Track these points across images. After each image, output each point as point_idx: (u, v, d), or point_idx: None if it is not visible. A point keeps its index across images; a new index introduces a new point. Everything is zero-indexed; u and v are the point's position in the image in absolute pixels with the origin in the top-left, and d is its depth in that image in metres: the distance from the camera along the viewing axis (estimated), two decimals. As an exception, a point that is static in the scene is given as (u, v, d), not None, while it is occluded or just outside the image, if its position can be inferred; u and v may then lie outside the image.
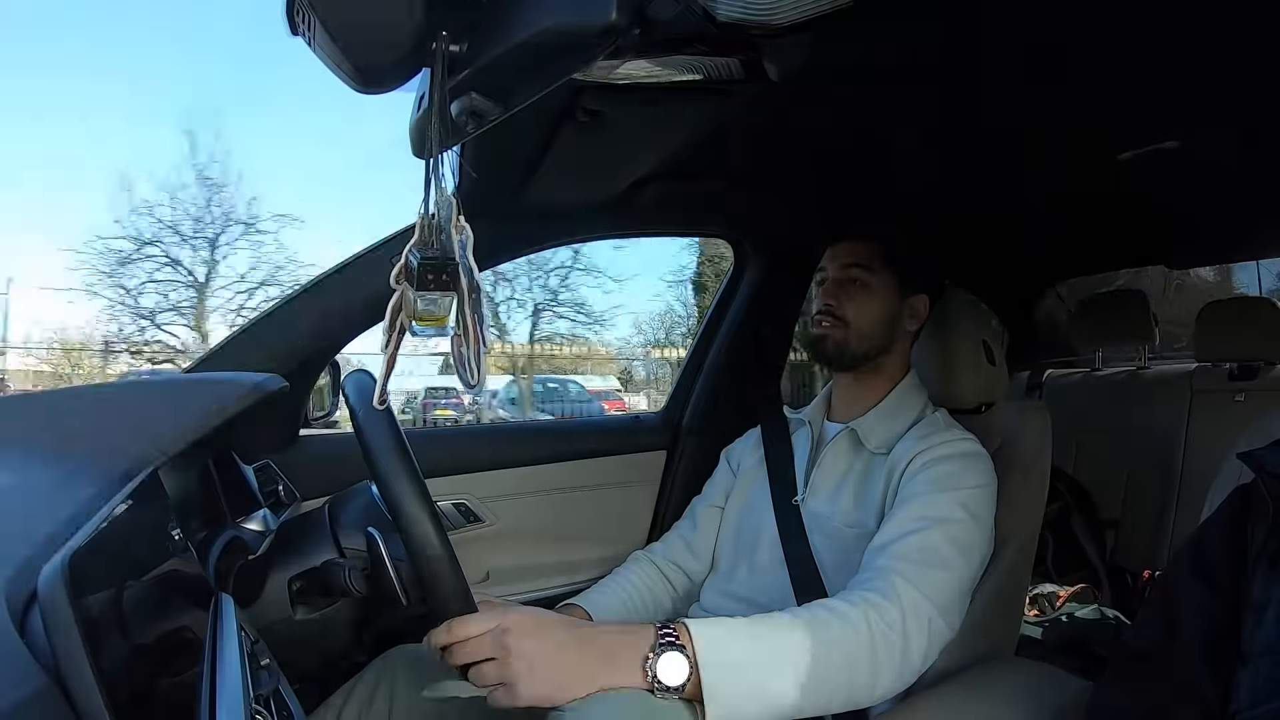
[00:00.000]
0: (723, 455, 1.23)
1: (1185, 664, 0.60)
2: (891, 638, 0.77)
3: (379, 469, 0.69)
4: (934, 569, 0.84)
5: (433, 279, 0.57)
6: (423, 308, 0.58)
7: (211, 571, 0.73)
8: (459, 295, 0.58)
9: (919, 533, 0.87)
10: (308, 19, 0.54)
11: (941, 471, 0.93)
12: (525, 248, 1.36)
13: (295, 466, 1.11)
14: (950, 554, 0.86)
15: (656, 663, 0.68)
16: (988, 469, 0.96)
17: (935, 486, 0.92)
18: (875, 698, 0.78)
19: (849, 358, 1.05)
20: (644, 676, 0.68)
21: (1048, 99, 0.96)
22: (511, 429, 2.39)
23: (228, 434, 0.82)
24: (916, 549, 0.86)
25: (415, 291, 0.57)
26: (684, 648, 0.69)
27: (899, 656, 0.78)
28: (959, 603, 0.87)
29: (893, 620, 0.78)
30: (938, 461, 0.94)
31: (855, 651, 0.75)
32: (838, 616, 0.77)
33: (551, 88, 0.63)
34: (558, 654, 0.68)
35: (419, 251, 0.57)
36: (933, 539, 0.86)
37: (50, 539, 0.46)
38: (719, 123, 0.95)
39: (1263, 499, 0.62)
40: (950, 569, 0.85)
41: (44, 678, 0.37)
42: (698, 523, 1.17)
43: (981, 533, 0.91)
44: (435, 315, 0.59)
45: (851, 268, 1.05)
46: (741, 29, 0.65)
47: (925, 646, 0.80)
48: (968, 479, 0.93)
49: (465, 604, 0.70)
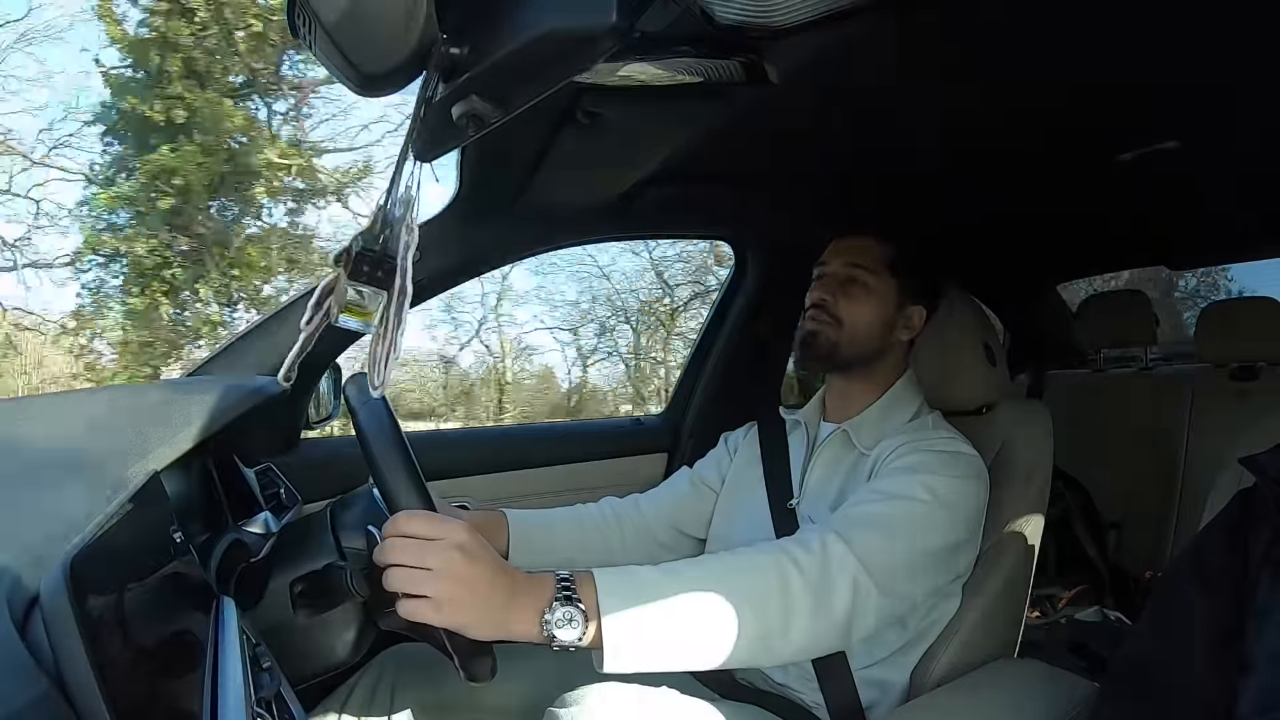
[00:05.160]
0: (721, 438, 1.21)
1: (1186, 672, 0.60)
2: (806, 585, 0.74)
3: (380, 470, 0.69)
4: (870, 531, 0.81)
5: (367, 271, 0.58)
6: (352, 298, 0.59)
7: (213, 574, 0.73)
8: (388, 295, 0.59)
9: (867, 503, 0.85)
10: (309, 22, 0.54)
11: (914, 460, 0.90)
12: (525, 250, 1.36)
13: (296, 469, 1.11)
14: (898, 526, 0.83)
15: (553, 618, 0.65)
16: (972, 467, 0.93)
17: (903, 470, 0.89)
18: (791, 649, 0.75)
19: (838, 359, 1.03)
20: (540, 632, 0.65)
21: (1048, 99, 0.96)
22: (513, 432, 2.38)
23: (229, 437, 0.82)
24: (860, 514, 0.83)
25: (348, 279, 0.58)
26: (580, 602, 0.66)
27: (813, 605, 0.74)
28: (899, 574, 0.81)
29: (808, 567, 0.75)
30: (915, 452, 0.92)
31: (765, 596, 0.72)
32: (751, 563, 0.75)
33: (552, 90, 0.64)
34: (478, 589, 0.64)
35: (363, 241, 0.58)
36: (880, 509, 0.84)
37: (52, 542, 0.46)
38: (719, 124, 0.95)
39: (1265, 504, 0.61)
40: (891, 538, 0.81)
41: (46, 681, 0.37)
42: (677, 486, 1.17)
43: (950, 521, 0.87)
44: (362, 310, 0.60)
45: (855, 267, 1.03)
46: (741, 31, 0.65)
47: (849, 601, 0.76)
48: (942, 469, 0.89)
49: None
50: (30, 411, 0.82)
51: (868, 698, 0.93)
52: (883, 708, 0.93)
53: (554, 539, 1.05)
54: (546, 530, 1.05)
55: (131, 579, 0.50)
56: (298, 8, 0.54)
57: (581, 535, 1.07)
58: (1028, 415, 1.09)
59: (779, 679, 0.96)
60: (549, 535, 1.04)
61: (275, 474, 1.06)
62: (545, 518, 1.07)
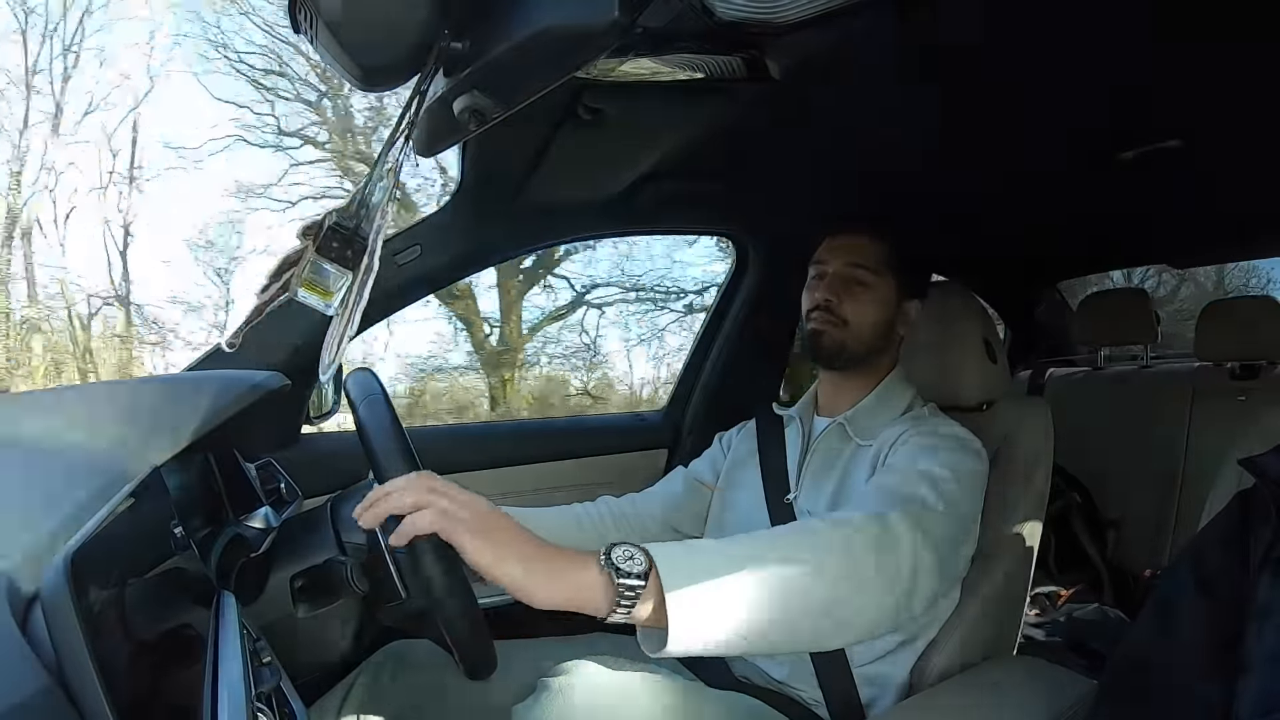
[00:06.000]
0: (716, 438, 1.22)
1: (1185, 672, 0.60)
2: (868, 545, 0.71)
3: (380, 466, 0.69)
4: (913, 497, 0.80)
5: (337, 248, 0.58)
6: (312, 274, 0.59)
7: (213, 569, 0.73)
8: (353, 274, 0.59)
9: (898, 473, 0.85)
10: (310, 16, 0.54)
11: (926, 444, 0.91)
12: (525, 245, 1.37)
13: (297, 464, 1.11)
14: (930, 498, 0.81)
15: (612, 553, 0.63)
16: (978, 456, 0.93)
17: (921, 450, 0.89)
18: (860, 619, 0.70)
19: (846, 357, 1.03)
20: (600, 575, 0.62)
21: (1048, 99, 0.96)
22: (514, 427, 2.39)
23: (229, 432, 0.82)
24: (894, 484, 0.82)
25: (315, 254, 0.58)
26: (638, 550, 0.64)
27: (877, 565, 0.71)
28: (946, 540, 0.80)
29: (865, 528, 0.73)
30: (924, 436, 0.93)
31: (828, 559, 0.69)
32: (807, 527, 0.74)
33: (554, 86, 0.63)
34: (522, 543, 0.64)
35: (337, 217, 0.58)
36: (919, 488, 0.82)
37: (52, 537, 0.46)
38: (721, 121, 0.95)
39: (1265, 505, 0.61)
40: (934, 504, 0.80)
41: (46, 676, 0.37)
42: (672, 486, 1.17)
43: (970, 498, 0.87)
44: (322, 287, 0.60)
45: (856, 267, 1.04)
46: (742, 27, 0.65)
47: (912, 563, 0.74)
48: (954, 455, 0.89)
49: None
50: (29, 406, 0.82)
51: (867, 695, 0.93)
52: (882, 704, 0.93)
53: (550, 537, 1.04)
54: (543, 527, 1.05)
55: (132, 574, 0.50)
56: (299, 2, 0.54)
57: (578, 534, 1.08)
58: (1028, 412, 1.09)
59: (778, 675, 0.96)
60: (545, 533, 1.04)
61: (275, 469, 1.06)
62: (541, 515, 1.07)
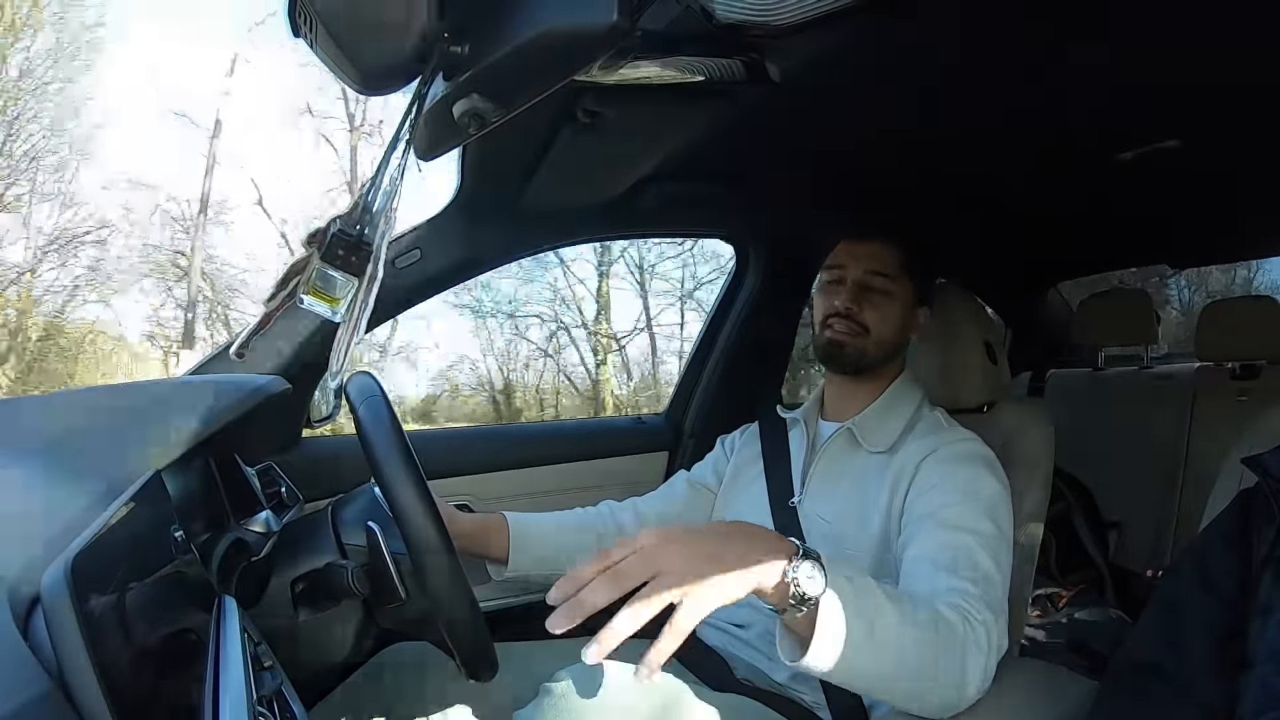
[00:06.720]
0: (718, 441, 1.22)
1: (1188, 671, 0.60)
2: (978, 643, 0.74)
3: (381, 469, 0.69)
4: (984, 583, 0.81)
5: (342, 255, 0.58)
6: (318, 281, 0.59)
7: (214, 573, 0.73)
8: (359, 281, 0.59)
9: (959, 545, 0.84)
10: (310, 20, 0.54)
11: (961, 479, 0.91)
12: (526, 249, 1.36)
13: (298, 468, 1.11)
14: (989, 567, 0.83)
15: (798, 569, 0.63)
16: (1001, 472, 0.94)
17: (960, 496, 0.89)
18: (964, 698, 0.74)
19: (866, 365, 1.03)
20: (782, 578, 0.63)
21: (1048, 99, 0.96)
22: (514, 431, 2.39)
23: (231, 436, 0.82)
24: (968, 565, 0.82)
25: (320, 261, 0.57)
26: (818, 559, 0.65)
27: (983, 662, 0.75)
28: (1002, 605, 0.83)
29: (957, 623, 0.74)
30: (951, 462, 0.92)
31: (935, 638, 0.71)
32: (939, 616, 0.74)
33: (553, 89, 0.64)
34: (710, 557, 0.62)
35: (341, 224, 0.58)
36: (976, 555, 0.83)
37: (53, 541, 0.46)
38: (721, 123, 0.95)
39: (1266, 504, 0.61)
40: (992, 582, 0.83)
41: (47, 681, 0.37)
42: (674, 489, 1.17)
43: (1006, 546, 0.88)
44: (328, 294, 0.60)
45: (875, 275, 1.03)
46: (742, 30, 0.65)
47: (988, 655, 0.76)
48: (987, 486, 0.90)
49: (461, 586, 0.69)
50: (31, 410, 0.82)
51: (870, 698, 0.93)
52: (885, 707, 0.93)
53: (552, 542, 1.05)
54: (545, 533, 1.05)
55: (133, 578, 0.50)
56: (299, 6, 0.54)
57: (580, 538, 1.08)
58: (1029, 413, 1.09)
59: (780, 679, 0.96)
60: (547, 538, 1.05)
61: (276, 472, 1.06)
62: (544, 520, 1.07)
